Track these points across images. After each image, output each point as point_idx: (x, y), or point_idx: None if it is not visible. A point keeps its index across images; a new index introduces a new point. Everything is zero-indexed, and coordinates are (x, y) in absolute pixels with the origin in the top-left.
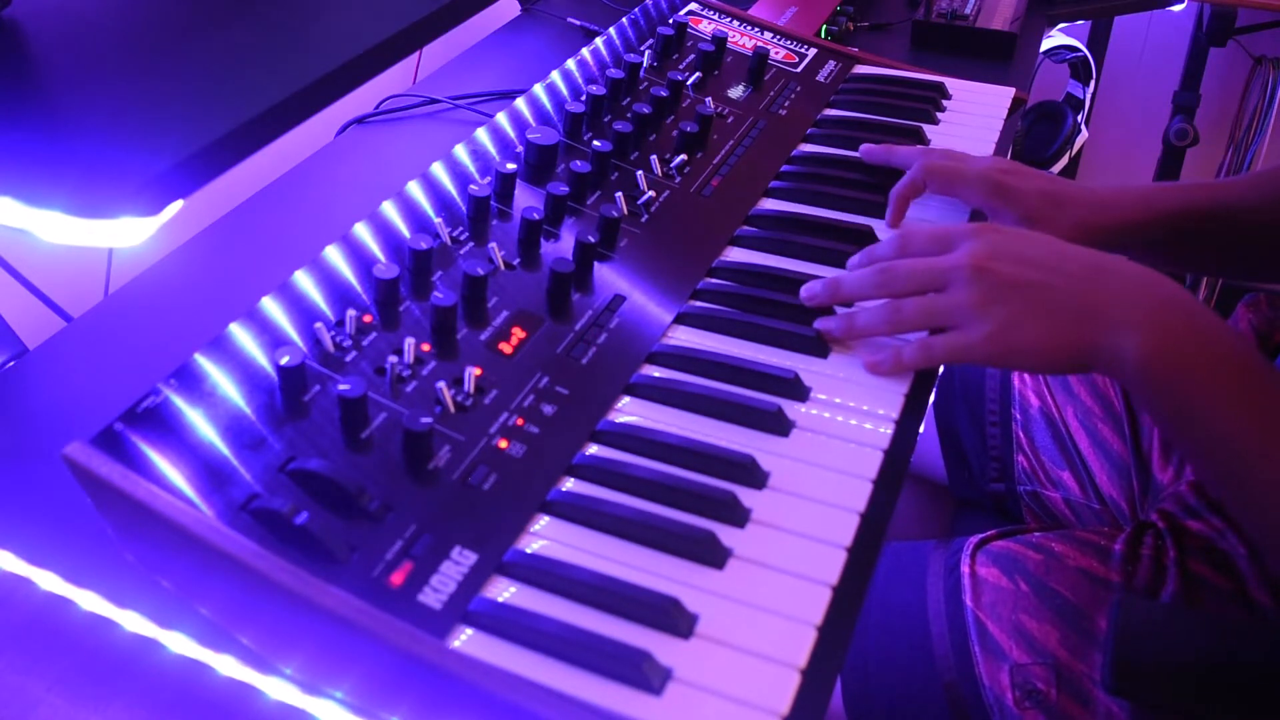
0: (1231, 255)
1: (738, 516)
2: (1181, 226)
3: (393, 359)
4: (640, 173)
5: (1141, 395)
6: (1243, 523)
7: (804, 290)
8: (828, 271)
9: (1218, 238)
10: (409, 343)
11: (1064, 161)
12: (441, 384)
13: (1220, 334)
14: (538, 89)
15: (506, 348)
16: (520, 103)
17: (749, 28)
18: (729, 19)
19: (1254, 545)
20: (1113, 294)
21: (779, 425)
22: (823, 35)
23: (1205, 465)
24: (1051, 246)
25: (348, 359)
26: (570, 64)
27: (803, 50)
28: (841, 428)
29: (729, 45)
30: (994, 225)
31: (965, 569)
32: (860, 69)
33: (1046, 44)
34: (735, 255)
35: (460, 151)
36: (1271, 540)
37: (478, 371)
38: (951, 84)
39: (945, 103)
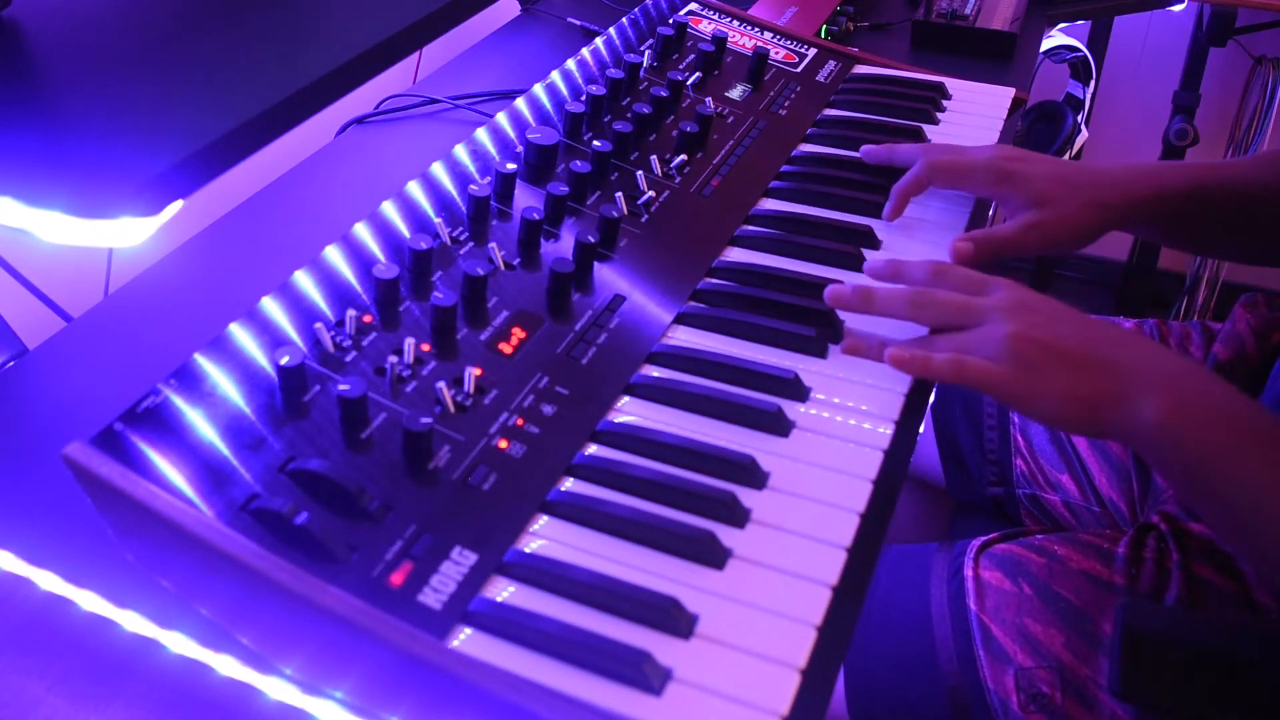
0: (1238, 234)
1: (737, 516)
2: (1189, 204)
3: (393, 359)
4: (640, 173)
5: (1157, 455)
6: (1257, 569)
7: (829, 291)
8: (828, 271)
9: (1225, 215)
10: (409, 343)
11: None
12: (441, 384)
13: (1234, 397)
14: (538, 89)
15: (506, 348)
16: (520, 103)
17: (749, 28)
18: (729, 19)
19: (1273, 592)
20: (1135, 360)
21: (779, 425)
22: (823, 35)
23: (1221, 518)
24: (1078, 314)
25: (348, 359)
26: (570, 64)
27: (803, 50)
28: (841, 428)
29: (729, 45)
30: (1024, 285)
31: (969, 572)
32: (860, 69)
33: (1046, 44)
34: (735, 255)
35: (460, 151)
36: None
37: (478, 371)
38: (951, 84)
39: (945, 103)
